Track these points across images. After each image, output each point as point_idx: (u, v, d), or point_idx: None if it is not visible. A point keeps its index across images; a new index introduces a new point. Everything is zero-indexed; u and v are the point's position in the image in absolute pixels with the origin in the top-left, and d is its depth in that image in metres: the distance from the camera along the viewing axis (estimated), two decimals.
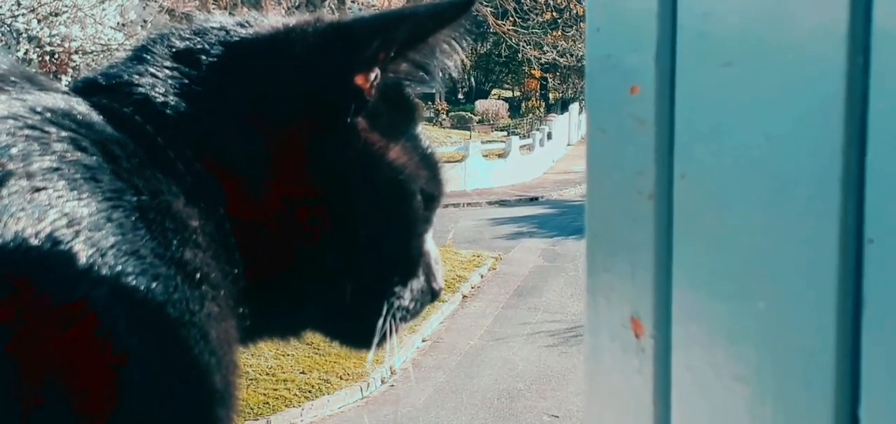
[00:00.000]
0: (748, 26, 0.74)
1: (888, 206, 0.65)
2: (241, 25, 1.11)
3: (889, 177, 0.65)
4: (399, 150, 1.11)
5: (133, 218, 0.84)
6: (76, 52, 16.51)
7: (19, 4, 15.62)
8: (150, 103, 1.00)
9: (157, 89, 1.01)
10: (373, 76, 1.08)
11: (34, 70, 1.01)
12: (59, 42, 16.07)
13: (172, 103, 1.00)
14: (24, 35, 15.61)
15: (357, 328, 1.14)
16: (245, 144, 1.01)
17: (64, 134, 0.85)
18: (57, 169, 0.81)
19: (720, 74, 0.77)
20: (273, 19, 1.14)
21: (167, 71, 1.02)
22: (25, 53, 15.19)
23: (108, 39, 16.98)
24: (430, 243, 1.21)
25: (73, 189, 0.80)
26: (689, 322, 0.83)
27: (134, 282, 0.80)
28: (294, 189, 1.03)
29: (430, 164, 1.17)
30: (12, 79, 0.94)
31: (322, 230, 1.05)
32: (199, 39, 1.07)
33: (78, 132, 0.87)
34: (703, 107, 0.79)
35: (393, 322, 1.13)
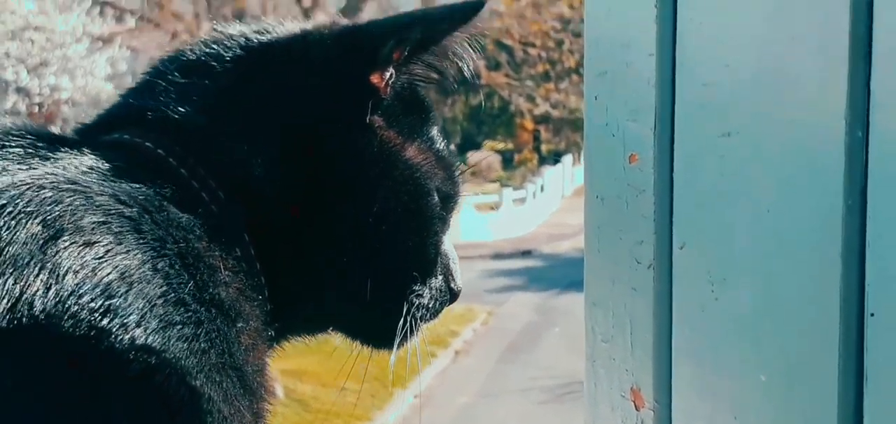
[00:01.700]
0: (748, 97, 0.74)
1: (889, 280, 0.65)
2: (260, 32, 1.13)
3: (889, 250, 0.65)
4: (415, 149, 1.13)
5: (177, 267, 0.88)
6: (65, 103, 16.54)
7: (8, 55, 15.66)
8: (169, 132, 1.02)
9: (175, 114, 1.03)
10: (388, 75, 1.10)
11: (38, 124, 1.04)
12: (48, 93, 16.10)
13: (191, 128, 1.02)
14: (13, 86, 15.65)
15: (378, 326, 1.16)
16: (265, 158, 1.03)
17: (104, 186, 0.89)
18: (104, 222, 0.85)
19: (720, 145, 0.77)
20: (290, 25, 1.17)
21: (184, 91, 1.06)
22: (14, 105, 15.23)
23: (98, 90, 17.02)
24: (449, 244, 1.23)
25: (120, 242, 0.84)
26: (690, 394, 0.82)
27: (182, 332, 0.84)
28: (314, 193, 1.05)
29: (445, 164, 1.18)
30: (29, 137, 0.97)
31: (342, 230, 1.07)
32: (215, 49, 1.10)
33: (115, 184, 0.91)
34: (702, 177, 0.79)
35: (413, 321, 1.15)
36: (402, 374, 1.21)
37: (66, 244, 0.81)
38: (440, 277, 1.19)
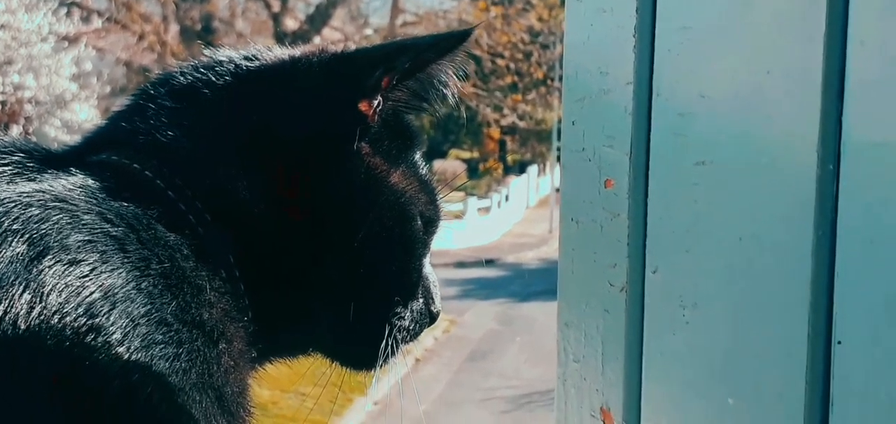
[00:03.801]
0: (722, 128, 0.76)
1: (856, 309, 0.67)
2: (249, 58, 1.14)
3: (857, 280, 0.67)
4: (400, 175, 1.15)
5: (159, 287, 0.88)
6: (29, 102, 16.37)
7: None
8: (157, 155, 1.02)
9: (163, 138, 1.04)
10: (376, 103, 1.11)
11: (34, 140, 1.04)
12: (11, 91, 15.91)
13: (180, 151, 1.03)
14: None
15: (360, 348, 1.17)
16: (253, 182, 1.04)
17: (91, 205, 0.90)
18: (90, 241, 0.86)
19: (694, 173, 0.78)
20: (279, 51, 1.18)
21: (173, 115, 1.06)
22: None
23: (63, 89, 16.86)
24: (429, 267, 1.24)
25: (105, 261, 0.85)
26: (659, 415, 0.83)
27: (163, 351, 0.85)
28: (301, 219, 1.06)
29: (428, 190, 1.20)
30: (18, 154, 0.98)
31: (327, 254, 1.08)
32: (206, 74, 1.10)
33: (102, 203, 0.91)
34: (676, 204, 0.81)
35: (395, 344, 1.16)
36: (361, 380, 1.22)
37: (51, 263, 0.82)
38: (421, 300, 1.20)
